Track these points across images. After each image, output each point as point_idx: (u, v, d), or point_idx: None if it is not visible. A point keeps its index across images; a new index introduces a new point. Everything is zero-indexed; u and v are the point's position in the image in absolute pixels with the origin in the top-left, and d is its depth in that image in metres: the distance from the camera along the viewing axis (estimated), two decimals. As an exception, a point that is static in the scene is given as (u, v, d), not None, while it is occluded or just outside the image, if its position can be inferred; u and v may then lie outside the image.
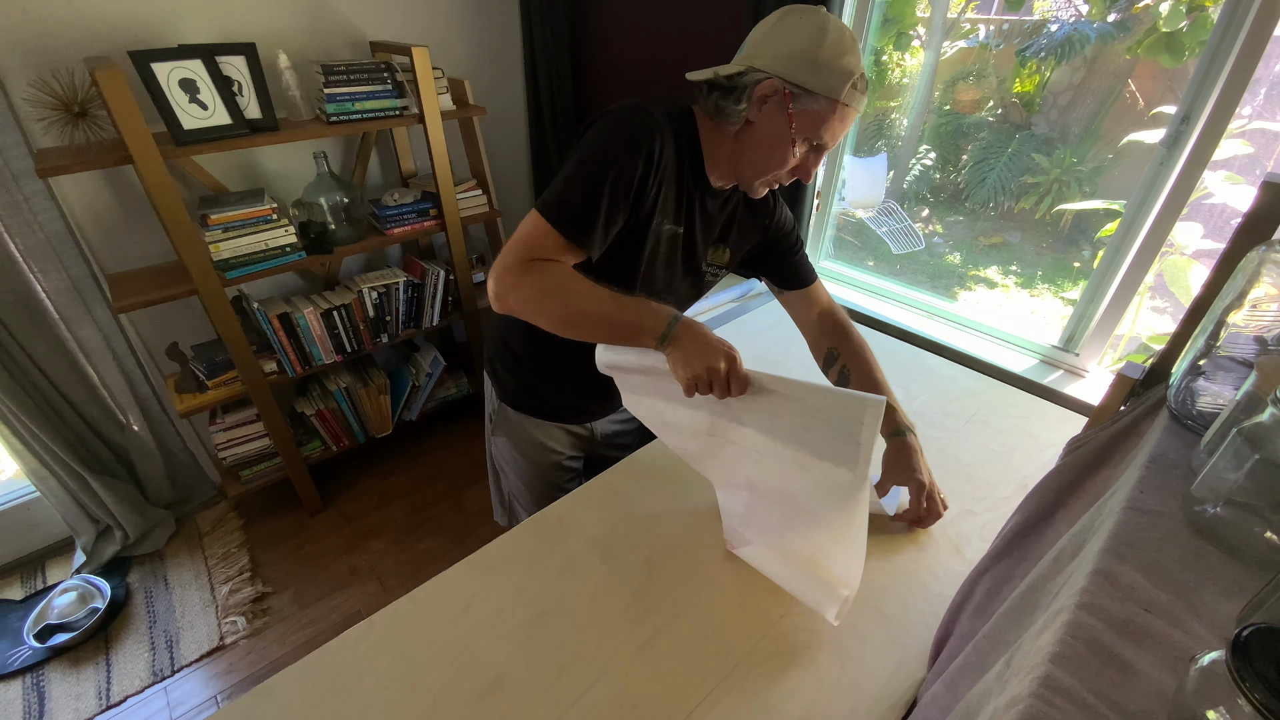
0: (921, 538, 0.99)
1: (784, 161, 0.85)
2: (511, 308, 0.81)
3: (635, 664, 0.78)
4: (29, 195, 1.48)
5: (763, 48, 0.81)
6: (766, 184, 0.90)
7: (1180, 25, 2.10)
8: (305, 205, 1.80)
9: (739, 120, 0.84)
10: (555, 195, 0.80)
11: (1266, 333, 0.53)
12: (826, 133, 0.83)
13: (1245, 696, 0.29)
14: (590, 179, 0.80)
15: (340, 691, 0.74)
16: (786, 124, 0.81)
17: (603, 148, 0.81)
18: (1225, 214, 1.86)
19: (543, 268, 0.80)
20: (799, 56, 0.78)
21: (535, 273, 0.79)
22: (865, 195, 3.20)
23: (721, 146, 0.89)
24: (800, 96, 0.80)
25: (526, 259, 0.79)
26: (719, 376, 0.77)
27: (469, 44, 2.14)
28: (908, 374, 1.42)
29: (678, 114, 0.88)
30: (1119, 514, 0.47)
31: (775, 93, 0.80)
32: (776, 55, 0.79)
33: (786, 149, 0.83)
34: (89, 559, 1.83)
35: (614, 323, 0.80)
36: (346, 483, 2.20)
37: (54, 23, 1.45)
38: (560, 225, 0.79)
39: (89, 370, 1.72)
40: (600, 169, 0.80)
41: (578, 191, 0.80)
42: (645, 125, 0.81)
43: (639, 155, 0.80)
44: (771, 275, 1.11)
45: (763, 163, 0.86)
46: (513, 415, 1.12)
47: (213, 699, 1.55)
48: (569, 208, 0.80)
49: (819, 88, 0.79)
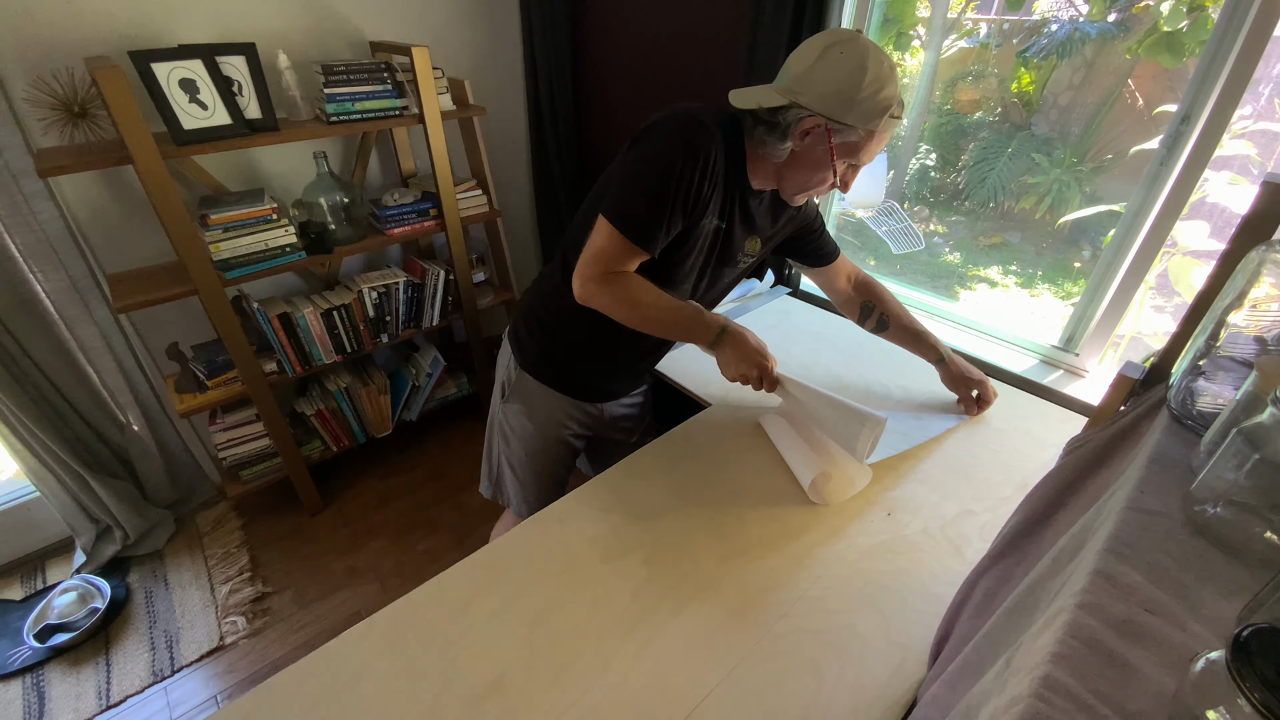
0: (921, 537, 0.99)
1: (824, 182, 0.94)
2: (594, 308, 0.97)
3: (635, 664, 0.78)
4: (29, 195, 1.48)
5: (805, 84, 0.86)
6: (806, 197, 1.01)
7: (1180, 25, 2.10)
8: (305, 205, 1.80)
9: (784, 154, 0.92)
10: (623, 204, 0.90)
11: (1266, 333, 0.53)
12: (864, 155, 0.92)
13: (1245, 696, 0.29)
14: (655, 187, 0.88)
15: (340, 691, 0.74)
16: (828, 154, 0.90)
17: (663, 155, 0.88)
18: (1227, 214, 1.86)
19: (618, 281, 0.93)
20: (840, 96, 0.85)
21: (613, 285, 0.93)
22: (865, 195, 3.19)
23: (765, 159, 0.95)
24: (840, 130, 0.87)
25: (605, 271, 0.93)
26: (754, 379, 1.00)
27: (469, 44, 2.14)
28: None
29: (725, 120, 0.94)
30: (1119, 514, 0.47)
31: (816, 128, 0.88)
32: (819, 95, 0.85)
33: (827, 173, 0.92)
34: (89, 559, 1.83)
35: (677, 329, 0.99)
36: (346, 483, 2.20)
37: (54, 23, 1.45)
38: (629, 233, 0.90)
39: (89, 370, 1.72)
40: (664, 177, 0.88)
41: (642, 200, 0.89)
42: (701, 132, 0.88)
43: (696, 162, 0.88)
44: (802, 257, 1.23)
45: (804, 183, 0.96)
46: (531, 383, 1.18)
47: (213, 699, 1.55)
48: (636, 216, 0.90)
49: (858, 122, 0.86)
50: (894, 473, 1.13)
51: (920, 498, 1.07)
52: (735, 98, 0.93)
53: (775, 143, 0.90)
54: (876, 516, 1.03)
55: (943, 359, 1.24)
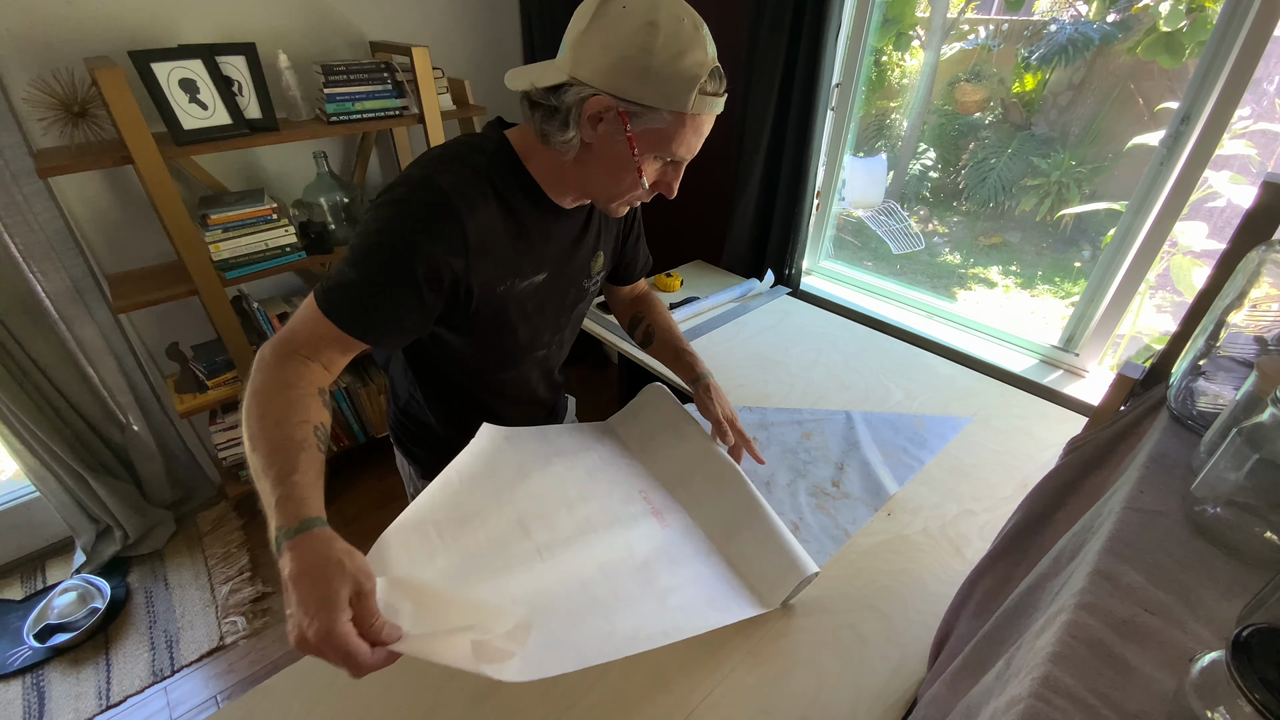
0: (921, 537, 0.99)
1: (634, 184, 0.74)
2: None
3: (635, 664, 0.78)
4: (29, 195, 1.48)
5: (582, 52, 0.65)
6: (625, 204, 0.79)
7: (1180, 25, 2.10)
8: (305, 205, 1.80)
9: (573, 147, 0.71)
10: (334, 280, 0.68)
11: (1266, 333, 0.53)
12: (680, 147, 0.71)
13: (1245, 696, 0.29)
14: (371, 265, 0.68)
15: (340, 691, 0.74)
16: (627, 146, 0.69)
17: (385, 232, 0.68)
18: (1228, 214, 1.86)
19: (279, 374, 0.64)
20: (627, 66, 0.64)
21: (268, 371, 0.64)
22: (865, 195, 3.20)
23: (550, 166, 0.76)
24: (638, 115, 0.67)
25: (287, 350, 0.66)
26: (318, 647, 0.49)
27: (469, 44, 2.14)
28: (908, 374, 1.42)
29: (490, 161, 0.74)
30: (1119, 514, 0.47)
31: (607, 110, 0.66)
32: (599, 66, 0.64)
33: (634, 172, 0.72)
34: (89, 559, 1.83)
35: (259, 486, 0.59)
36: (346, 483, 2.20)
37: (54, 23, 1.45)
38: (334, 315, 0.67)
39: (89, 370, 1.72)
40: (381, 254, 0.67)
41: (360, 279, 0.67)
42: (433, 201, 0.68)
43: (426, 245, 0.68)
44: (616, 268, 1.03)
45: (611, 187, 0.75)
46: None
47: (213, 699, 1.55)
48: (346, 294, 0.67)
49: (658, 101, 0.65)
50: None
51: (920, 498, 1.07)
52: (511, 78, 0.72)
53: (557, 133, 0.69)
54: (877, 516, 1.03)
55: (698, 381, 1.00)
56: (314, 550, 0.53)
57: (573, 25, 0.67)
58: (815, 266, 1.93)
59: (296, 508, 0.56)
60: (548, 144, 0.72)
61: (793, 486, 1.09)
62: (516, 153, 0.76)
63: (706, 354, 1.49)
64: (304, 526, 0.55)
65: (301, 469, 0.59)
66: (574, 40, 0.66)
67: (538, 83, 0.69)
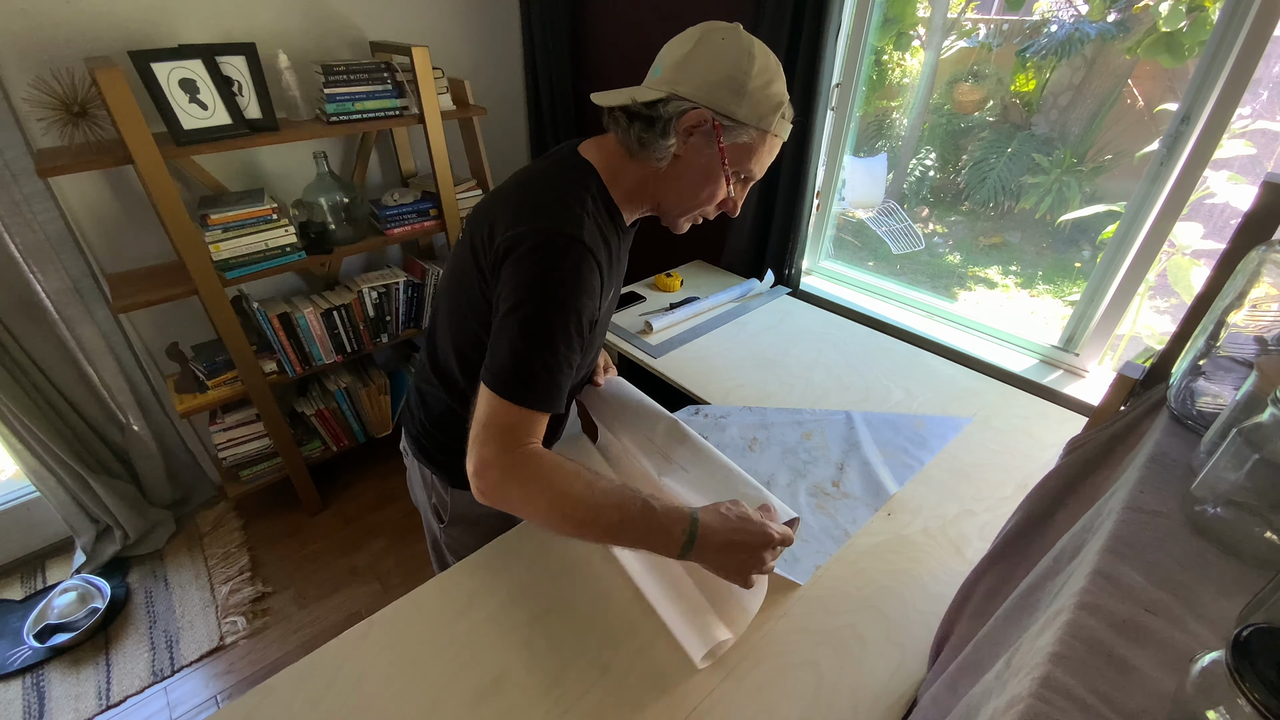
0: (921, 537, 0.99)
1: (713, 197, 0.80)
2: (502, 508, 0.72)
3: (635, 664, 0.78)
4: (29, 195, 1.48)
5: (684, 72, 0.73)
6: (692, 219, 0.85)
7: (1180, 25, 2.10)
8: (305, 205, 1.80)
9: (667, 156, 0.76)
10: (512, 371, 0.69)
11: (1266, 333, 0.52)
12: (756, 165, 0.78)
13: (1245, 696, 0.29)
14: (554, 345, 0.70)
15: (340, 691, 0.74)
16: (717, 158, 0.75)
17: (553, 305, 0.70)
18: (1226, 214, 1.86)
19: (531, 468, 0.69)
20: (726, 84, 0.72)
21: (520, 475, 0.69)
22: (865, 195, 3.20)
23: (634, 181, 0.80)
24: (730, 129, 0.74)
25: (511, 449, 0.69)
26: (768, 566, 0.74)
27: (469, 44, 2.14)
28: (908, 374, 1.42)
29: (592, 198, 0.76)
30: (1119, 514, 0.47)
31: (702, 123, 0.74)
32: (702, 83, 0.72)
33: (718, 184, 0.78)
34: (89, 559, 1.83)
35: (622, 534, 0.71)
36: (346, 483, 2.20)
37: (54, 23, 1.45)
38: (533, 404, 0.70)
39: (89, 370, 1.71)
40: (553, 330, 0.70)
41: (537, 361, 0.70)
42: (586, 256, 0.71)
43: (595, 296, 0.73)
44: None
45: (691, 198, 0.80)
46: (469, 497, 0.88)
47: (213, 699, 1.55)
48: (536, 383, 0.70)
49: (749, 119, 0.74)
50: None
51: (920, 498, 1.07)
52: (601, 98, 0.78)
53: (655, 140, 0.74)
54: (877, 516, 1.03)
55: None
56: (716, 527, 0.72)
57: (670, 51, 0.75)
58: (815, 266, 1.93)
59: (677, 513, 0.72)
60: (640, 154, 0.77)
61: (793, 486, 1.09)
62: (600, 176, 0.79)
63: (707, 354, 1.50)
64: (694, 518, 0.72)
65: (641, 494, 0.72)
66: (674, 63, 0.74)
67: (638, 98, 0.74)
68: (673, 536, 0.71)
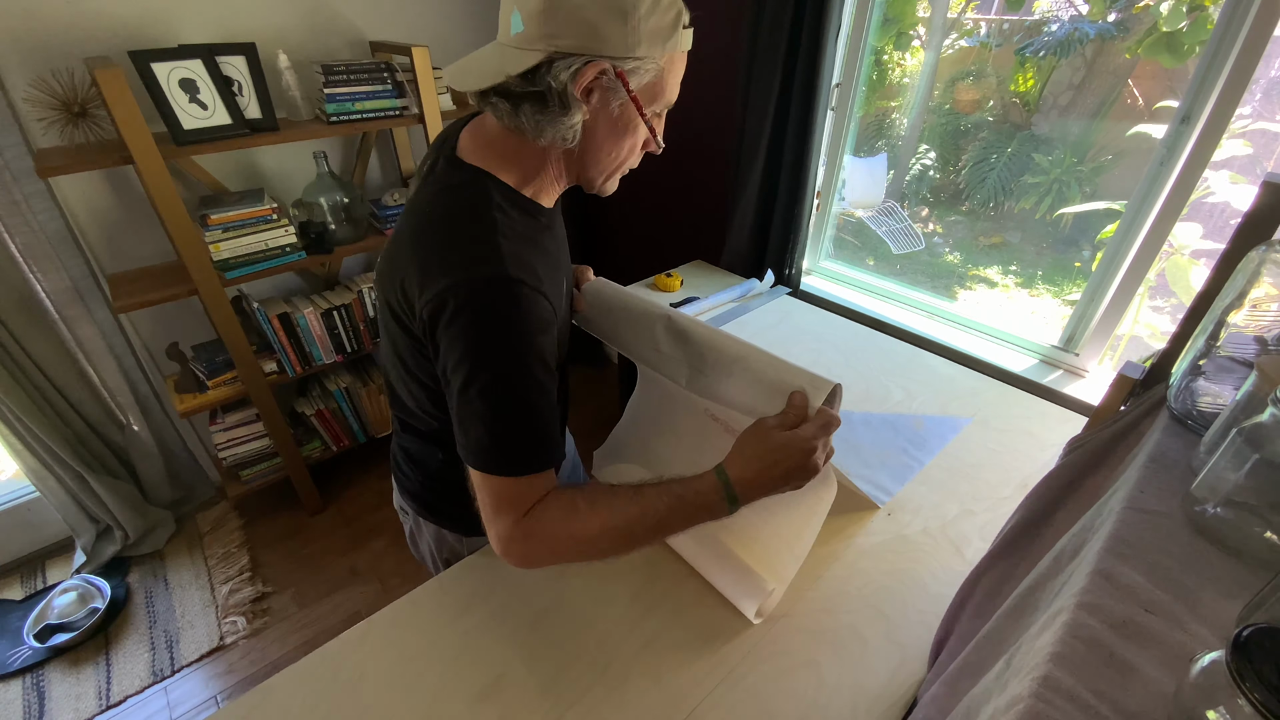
0: (921, 537, 0.99)
1: (635, 148, 0.70)
2: (548, 564, 0.71)
3: (635, 664, 0.78)
4: (29, 195, 1.48)
5: (554, 19, 0.57)
6: (617, 177, 0.74)
7: (1180, 25, 2.10)
8: (305, 205, 1.80)
9: (577, 132, 0.64)
10: (495, 448, 0.64)
11: (1266, 333, 0.52)
12: (670, 92, 0.68)
13: (1245, 696, 0.29)
14: (523, 405, 0.64)
15: (340, 691, 0.74)
16: (629, 106, 0.64)
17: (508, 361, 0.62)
18: (1226, 214, 1.86)
19: (547, 528, 0.66)
20: (610, 16, 0.58)
21: (538, 533, 0.66)
22: (865, 195, 3.20)
23: (541, 164, 0.69)
24: (634, 70, 0.61)
25: (520, 517, 0.65)
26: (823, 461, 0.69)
27: (469, 44, 2.14)
28: (908, 374, 1.42)
29: (502, 210, 0.65)
30: (1119, 514, 0.47)
31: (602, 76, 0.61)
32: (582, 25, 0.57)
33: (637, 132, 0.68)
34: (89, 559, 1.83)
35: (664, 527, 0.68)
36: (346, 483, 2.20)
37: (54, 23, 1.45)
38: (531, 469, 0.65)
39: (89, 370, 1.72)
40: (519, 389, 0.63)
41: (517, 428, 0.64)
42: (518, 295, 0.62)
43: (541, 340, 0.64)
44: None
45: (612, 158, 0.70)
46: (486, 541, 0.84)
47: (213, 699, 1.55)
48: (524, 448, 0.65)
49: (650, 50, 0.61)
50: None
51: (920, 498, 1.07)
52: (458, 79, 0.64)
53: (557, 120, 0.62)
54: (877, 516, 1.03)
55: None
56: (750, 472, 0.68)
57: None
58: (815, 266, 1.93)
59: (704, 482, 0.68)
60: (540, 138, 0.64)
61: (793, 486, 1.09)
62: (497, 178, 0.67)
63: (706, 354, 1.49)
64: (724, 480, 0.68)
65: (662, 485, 0.68)
66: (539, 9, 0.57)
67: (510, 70, 0.59)
68: (712, 506, 0.68)
